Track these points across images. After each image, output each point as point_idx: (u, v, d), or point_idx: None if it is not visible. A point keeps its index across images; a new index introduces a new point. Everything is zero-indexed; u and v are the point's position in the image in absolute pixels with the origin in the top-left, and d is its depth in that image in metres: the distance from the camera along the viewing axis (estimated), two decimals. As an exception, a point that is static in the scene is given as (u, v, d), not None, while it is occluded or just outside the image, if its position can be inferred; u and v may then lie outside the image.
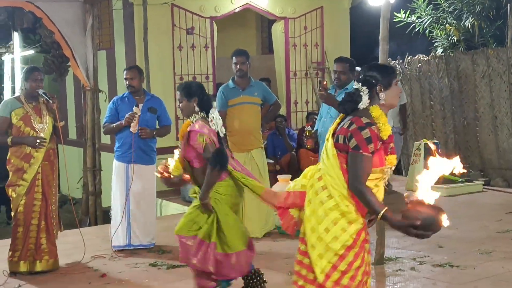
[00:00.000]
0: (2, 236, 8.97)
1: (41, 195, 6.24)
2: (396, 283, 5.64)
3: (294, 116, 11.76)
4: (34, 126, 6.18)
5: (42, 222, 6.25)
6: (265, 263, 6.40)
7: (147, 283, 5.90)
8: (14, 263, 6.19)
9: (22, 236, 6.17)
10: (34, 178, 6.19)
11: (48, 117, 6.29)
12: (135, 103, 7.02)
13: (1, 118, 6.20)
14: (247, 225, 7.38)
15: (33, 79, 6.22)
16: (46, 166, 6.29)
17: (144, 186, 7.07)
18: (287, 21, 11.53)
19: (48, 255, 6.26)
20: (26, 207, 6.16)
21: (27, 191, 6.17)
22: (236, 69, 7.37)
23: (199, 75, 10.75)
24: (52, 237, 6.33)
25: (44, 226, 6.26)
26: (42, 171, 6.24)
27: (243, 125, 7.36)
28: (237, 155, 7.37)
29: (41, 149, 6.18)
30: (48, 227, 6.29)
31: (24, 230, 6.17)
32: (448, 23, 11.54)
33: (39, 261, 6.22)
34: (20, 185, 6.16)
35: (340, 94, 6.66)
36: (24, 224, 6.16)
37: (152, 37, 9.90)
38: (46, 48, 11.21)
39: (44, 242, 6.25)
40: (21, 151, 6.17)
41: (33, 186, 6.20)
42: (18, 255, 6.18)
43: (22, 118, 6.17)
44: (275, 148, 10.50)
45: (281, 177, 8.46)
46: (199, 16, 10.70)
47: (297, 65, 11.72)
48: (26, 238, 6.18)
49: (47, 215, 6.30)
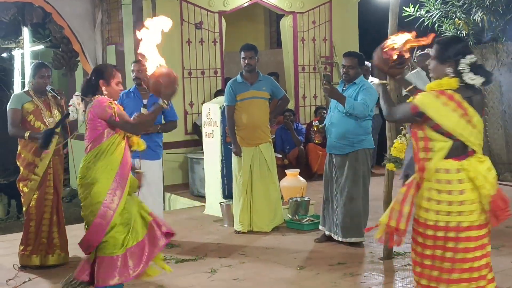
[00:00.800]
0: (12, 230, 9.05)
1: (52, 189, 6.29)
2: (405, 278, 5.65)
3: (303, 111, 11.77)
4: (44, 120, 6.23)
5: (54, 216, 6.30)
6: (273, 258, 6.42)
7: (156, 277, 5.92)
8: (26, 257, 6.23)
9: (35, 230, 6.21)
10: (46, 172, 6.24)
11: (57, 111, 6.34)
12: (142, 104, 7.00)
13: (14, 110, 6.23)
14: (255, 219, 7.43)
15: (40, 75, 6.27)
16: (56, 160, 6.33)
17: (150, 181, 7.08)
18: (295, 15, 11.53)
19: (59, 249, 6.32)
20: (38, 202, 6.21)
21: (39, 186, 6.21)
22: (245, 64, 7.38)
23: (208, 69, 10.76)
24: (63, 231, 6.38)
25: (56, 220, 6.30)
26: (53, 165, 6.29)
27: (252, 119, 7.37)
28: (245, 149, 7.41)
29: (52, 144, 6.22)
30: (60, 221, 6.34)
31: (37, 225, 6.21)
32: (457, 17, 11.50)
33: (51, 255, 6.27)
34: (32, 179, 6.20)
35: (349, 89, 6.67)
36: (36, 218, 6.21)
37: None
38: (56, 43, 11.26)
39: (56, 236, 6.30)
40: (32, 145, 6.21)
41: (45, 181, 6.24)
42: (30, 249, 6.22)
43: (33, 112, 6.22)
44: (284, 142, 10.52)
45: (289, 172, 8.50)
46: (207, 11, 10.71)
47: (305, 60, 11.72)
48: (39, 232, 6.22)
49: (58, 209, 6.35)
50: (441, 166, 3.83)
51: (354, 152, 6.55)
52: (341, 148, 6.61)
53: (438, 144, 3.82)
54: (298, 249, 6.69)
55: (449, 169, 3.82)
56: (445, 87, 3.81)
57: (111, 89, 4.92)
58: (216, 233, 7.55)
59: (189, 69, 10.59)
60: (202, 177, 8.93)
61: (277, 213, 7.56)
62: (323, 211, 6.85)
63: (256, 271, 5.99)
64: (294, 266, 6.08)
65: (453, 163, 3.82)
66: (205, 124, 8.57)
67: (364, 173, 6.62)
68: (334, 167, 6.69)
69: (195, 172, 9.48)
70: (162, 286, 5.61)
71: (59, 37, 10.61)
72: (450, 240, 3.82)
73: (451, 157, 3.83)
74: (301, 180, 8.35)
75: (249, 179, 7.40)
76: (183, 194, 9.70)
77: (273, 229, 7.48)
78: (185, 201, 9.46)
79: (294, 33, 11.58)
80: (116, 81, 4.95)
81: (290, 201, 7.71)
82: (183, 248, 6.84)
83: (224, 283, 5.68)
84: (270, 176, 7.49)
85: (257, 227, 7.44)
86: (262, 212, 7.41)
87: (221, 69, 10.93)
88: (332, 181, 6.71)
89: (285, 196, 7.98)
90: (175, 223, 7.46)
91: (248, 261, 6.36)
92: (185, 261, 6.37)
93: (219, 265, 6.19)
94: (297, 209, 7.63)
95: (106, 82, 4.91)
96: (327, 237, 6.84)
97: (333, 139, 6.66)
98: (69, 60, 11.11)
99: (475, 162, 3.83)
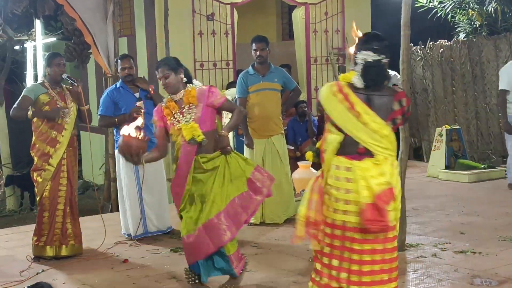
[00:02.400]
0: (25, 222, 9.10)
1: (66, 181, 6.32)
2: (418, 269, 5.63)
3: (315, 103, 11.72)
4: None
5: (68, 207, 6.32)
6: (286, 250, 6.42)
7: (169, 268, 5.95)
8: (40, 247, 6.26)
9: (48, 221, 6.25)
10: (60, 163, 6.27)
11: (72, 103, 6.37)
12: (135, 98, 7.00)
13: (24, 96, 6.29)
14: (268, 211, 7.43)
15: (56, 64, 6.31)
16: (70, 152, 6.37)
17: (154, 174, 7.08)
18: (307, 6, 11.47)
19: (73, 240, 6.35)
20: (51, 192, 6.24)
21: (52, 176, 6.24)
22: (256, 56, 7.37)
23: (220, 61, 10.75)
24: (77, 222, 6.41)
25: (69, 211, 6.33)
26: (67, 157, 6.32)
27: (263, 111, 7.36)
28: (257, 141, 7.40)
29: (66, 134, 6.27)
30: (73, 212, 6.37)
31: (50, 215, 6.25)
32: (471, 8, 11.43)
33: (65, 246, 6.31)
34: (46, 169, 6.24)
35: None
36: (49, 209, 6.24)
37: (172, 24, 9.90)
38: (68, 35, 11.26)
39: (70, 227, 6.34)
40: (47, 135, 6.26)
41: (59, 171, 6.28)
42: (44, 240, 6.25)
43: (48, 103, 6.26)
44: (296, 134, 10.49)
45: (301, 164, 8.48)
46: (219, 2, 10.68)
47: (317, 51, 11.67)
48: (52, 223, 6.26)
49: (72, 201, 6.38)
50: (333, 161, 3.84)
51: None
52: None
53: (330, 136, 3.84)
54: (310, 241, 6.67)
55: (339, 166, 3.81)
56: (346, 79, 3.84)
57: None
58: (228, 225, 7.54)
59: (201, 61, 10.58)
60: (214, 169, 8.90)
61: (289, 205, 7.55)
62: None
63: (269, 263, 5.99)
64: (307, 257, 6.07)
65: (344, 160, 3.79)
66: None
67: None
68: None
69: (207, 164, 9.45)
70: (174, 278, 5.63)
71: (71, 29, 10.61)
72: (336, 238, 3.81)
73: (344, 154, 3.82)
74: (313, 172, 8.32)
75: (261, 171, 7.38)
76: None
77: (285, 221, 7.48)
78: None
79: (306, 25, 11.53)
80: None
81: (303, 193, 7.70)
82: (195, 240, 6.84)
83: (237, 275, 5.67)
84: (282, 168, 7.48)
85: (269, 219, 7.44)
86: (275, 204, 7.40)
87: (233, 61, 10.91)
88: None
89: (297, 188, 7.97)
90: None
91: (260, 252, 6.36)
92: (197, 253, 6.37)
93: (232, 257, 6.18)
94: (309, 201, 7.61)
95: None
96: (340, 229, 6.82)
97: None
98: (81, 52, 11.12)
99: (366, 164, 3.76)
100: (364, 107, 3.77)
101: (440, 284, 5.24)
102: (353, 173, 3.75)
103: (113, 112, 7.02)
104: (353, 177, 3.75)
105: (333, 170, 3.82)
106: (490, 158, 10.92)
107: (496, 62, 11.01)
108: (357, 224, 3.75)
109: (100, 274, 5.85)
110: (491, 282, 5.24)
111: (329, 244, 3.86)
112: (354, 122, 3.75)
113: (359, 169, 3.74)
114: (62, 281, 5.66)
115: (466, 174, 9.58)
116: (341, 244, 3.81)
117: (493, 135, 11.29)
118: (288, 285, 5.38)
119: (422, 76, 12.16)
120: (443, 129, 10.13)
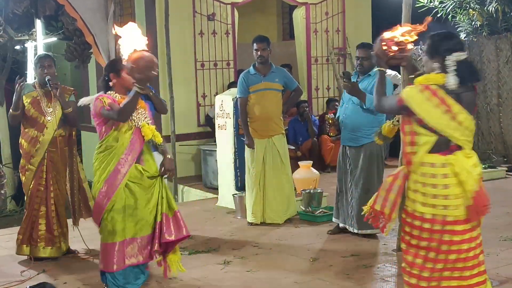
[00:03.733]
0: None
1: (44, 181, 6.22)
2: (418, 269, 5.63)
3: (315, 102, 11.73)
4: (42, 110, 6.18)
5: (42, 208, 6.22)
6: (286, 250, 6.42)
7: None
8: (18, 245, 6.25)
9: (26, 220, 6.21)
10: (40, 164, 6.20)
11: (56, 102, 6.27)
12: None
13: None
14: (268, 211, 7.43)
15: (40, 66, 6.25)
16: (53, 153, 6.24)
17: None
18: (308, 6, 11.48)
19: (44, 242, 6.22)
20: (32, 193, 6.20)
21: (33, 176, 6.19)
22: (257, 56, 7.37)
23: (220, 61, 10.75)
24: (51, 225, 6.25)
25: (44, 213, 6.23)
26: (48, 158, 6.22)
27: (264, 111, 7.36)
28: (258, 141, 7.40)
29: (47, 134, 6.17)
30: (48, 215, 6.24)
31: (29, 214, 6.20)
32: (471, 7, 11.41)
33: (34, 246, 6.21)
34: (28, 169, 6.20)
35: (363, 81, 6.63)
36: (29, 208, 6.20)
37: (173, 24, 9.91)
38: (69, 35, 11.27)
39: (43, 228, 6.22)
40: (29, 135, 6.20)
41: (38, 172, 6.20)
42: (21, 238, 6.22)
43: (31, 102, 6.21)
44: (296, 134, 10.50)
45: (302, 164, 8.49)
46: (220, 2, 10.68)
47: (318, 51, 11.67)
48: (29, 223, 6.19)
49: (56, 202, 6.27)
50: (427, 160, 3.85)
51: (369, 144, 6.52)
52: (356, 140, 6.59)
53: (423, 139, 3.84)
54: (311, 241, 6.69)
55: (434, 163, 3.84)
56: (431, 82, 3.83)
57: (121, 80, 5.01)
58: (229, 225, 7.56)
59: (201, 61, 10.59)
60: (215, 169, 8.94)
61: (290, 205, 7.55)
62: (336, 203, 6.83)
63: (269, 263, 6.00)
64: (307, 257, 6.07)
65: (439, 158, 3.83)
66: (218, 116, 8.57)
67: (378, 164, 6.60)
68: (348, 158, 6.67)
69: (208, 164, 9.49)
70: (175, 278, 5.62)
71: (71, 29, 10.62)
72: (435, 232, 3.84)
73: (437, 152, 3.85)
74: (314, 172, 8.34)
75: (262, 171, 7.39)
76: (196, 186, 9.72)
77: (286, 221, 7.48)
78: (198, 193, 9.47)
79: (307, 25, 11.53)
80: (126, 71, 5.01)
81: (303, 193, 7.70)
82: (196, 240, 6.85)
83: (237, 275, 5.68)
84: (283, 168, 7.48)
85: (270, 219, 7.44)
86: (275, 204, 7.40)
87: (234, 61, 10.92)
88: (347, 173, 6.69)
89: (298, 188, 7.97)
90: (188, 215, 7.46)
91: (261, 252, 6.36)
92: (198, 253, 6.38)
93: (232, 257, 6.19)
94: (310, 201, 7.62)
95: (116, 74, 5.03)
96: (341, 229, 6.83)
97: (348, 131, 6.64)
98: (82, 52, 11.13)
99: (461, 157, 3.84)
100: (459, 107, 3.82)
101: (441, 284, 5.24)
102: (450, 168, 3.82)
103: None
104: (450, 171, 3.82)
105: (427, 168, 3.86)
106: (491, 158, 10.90)
107: (497, 62, 11.00)
108: (459, 216, 3.83)
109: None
110: (492, 282, 5.21)
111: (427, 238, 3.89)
112: (450, 123, 3.81)
113: (457, 163, 3.82)
114: (63, 281, 5.66)
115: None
116: (440, 237, 3.86)
117: (493, 135, 11.28)
118: (289, 285, 5.38)
119: (423, 76, 12.15)
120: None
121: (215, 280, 5.51)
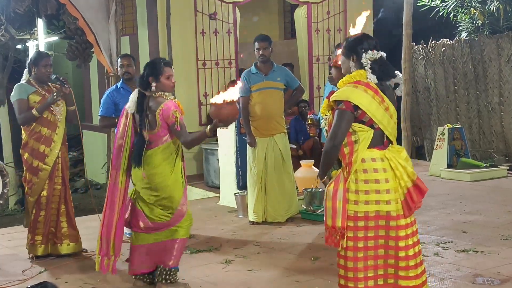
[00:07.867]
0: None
1: (61, 179, 6.28)
2: (420, 268, 5.63)
3: (317, 101, 11.73)
4: (51, 109, 6.18)
5: (62, 206, 6.29)
6: (288, 248, 6.42)
7: (171, 267, 5.94)
8: (36, 246, 6.24)
9: (44, 220, 6.22)
10: (55, 162, 6.23)
11: (61, 101, 6.28)
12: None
13: (20, 100, 6.17)
14: (270, 209, 7.43)
15: (43, 65, 6.20)
16: (63, 149, 6.32)
17: None
18: (309, 5, 11.48)
19: (69, 239, 6.31)
20: (49, 191, 6.20)
21: (49, 175, 6.21)
22: (259, 55, 7.37)
23: (222, 60, 10.76)
24: (72, 221, 6.37)
25: (64, 210, 6.30)
26: (61, 155, 6.27)
27: (266, 110, 7.36)
28: (259, 140, 7.40)
29: (60, 132, 6.20)
30: (68, 211, 6.33)
31: (46, 214, 6.22)
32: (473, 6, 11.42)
33: (59, 245, 6.27)
34: (43, 169, 6.18)
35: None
36: (46, 208, 6.21)
37: (175, 23, 9.92)
38: (70, 34, 11.29)
39: (65, 225, 6.29)
40: (40, 134, 6.18)
41: (55, 170, 6.22)
42: (40, 239, 6.22)
43: (40, 102, 6.17)
44: (298, 133, 10.49)
45: (304, 162, 8.48)
46: (221, 1, 10.68)
47: (319, 50, 11.68)
48: (47, 222, 6.23)
49: (66, 199, 6.34)
50: (367, 155, 3.88)
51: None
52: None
53: (362, 135, 3.87)
54: (313, 240, 6.69)
55: (374, 158, 3.88)
56: (357, 78, 3.88)
57: (160, 84, 5.09)
58: (230, 223, 7.56)
59: (203, 59, 10.59)
60: (217, 168, 8.94)
61: (291, 203, 7.55)
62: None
63: (271, 262, 6.00)
64: (309, 256, 6.08)
65: (378, 152, 3.89)
66: (219, 115, 8.55)
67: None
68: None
69: (209, 163, 9.49)
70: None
71: (73, 28, 10.64)
72: (381, 228, 3.87)
73: (374, 147, 3.90)
74: (316, 171, 8.33)
75: (264, 169, 7.40)
76: (198, 185, 9.72)
77: (287, 219, 7.49)
78: (199, 192, 9.47)
79: (309, 24, 11.53)
80: (166, 76, 5.08)
81: (305, 191, 7.70)
82: (198, 239, 6.85)
83: (239, 274, 5.68)
84: (285, 167, 7.48)
85: (272, 217, 7.44)
86: (277, 202, 7.41)
87: (235, 59, 10.92)
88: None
89: (300, 187, 7.97)
90: (189, 213, 7.46)
91: (262, 251, 6.36)
92: (199, 252, 6.38)
93: (234, 256, 6.19)
94: (311, 199, 7.62)
95: (155, 79, 5.09)
96: (342, 228, 6.82)
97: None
98: (83, 51, 11.14)
99: (395, 152, 3.92)
100: (388, 100, 3.91)
101: (442, 283, 5.24)
102: (387, 162, 3.88)
103: (113, 113, 7.00)
104: (387, 166, 3.87)
105: (368, 164, 3.88)
106: (492, 157, 10.91)
107: (498, 61, 11.00)
108: (400, 210, 3.88)
109: (102, 273, 5.83)
110: (493, 281, 5.24)
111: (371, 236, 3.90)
112: (385, 114, 3.88)
113: (393, 158, 3.88)
114: (64, 280, 5.66)
115: (468, 173, 9.57)
116: (386, 233, 3.88)
117: (495, 134, 11.28)
118: (290, 284, 5.39)
119: (424, 75, 12.17)
120: (445, 128, 10.12)
121: (217, 279, 5.51)
